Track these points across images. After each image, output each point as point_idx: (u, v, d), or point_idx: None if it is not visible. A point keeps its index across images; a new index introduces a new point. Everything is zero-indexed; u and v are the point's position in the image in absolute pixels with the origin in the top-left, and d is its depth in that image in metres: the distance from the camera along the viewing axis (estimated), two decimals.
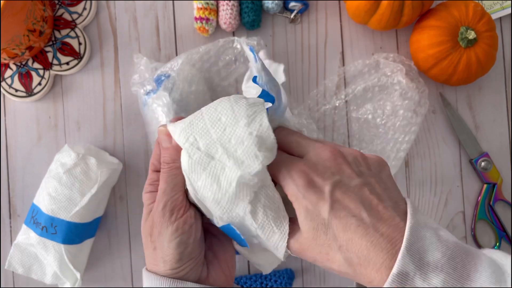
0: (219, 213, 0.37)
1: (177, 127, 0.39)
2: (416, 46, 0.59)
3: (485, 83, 0.64)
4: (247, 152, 0.36)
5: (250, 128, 0.36)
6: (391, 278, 0.30)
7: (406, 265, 0.30)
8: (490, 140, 0.64)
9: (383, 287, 0.31)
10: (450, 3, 0.59)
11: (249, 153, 0.36)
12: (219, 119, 0.38)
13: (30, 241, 0.56)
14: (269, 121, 0.37)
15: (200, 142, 0.37)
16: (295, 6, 0.62)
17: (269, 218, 0.37)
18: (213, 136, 0.37)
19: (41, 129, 0.62)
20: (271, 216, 0.37)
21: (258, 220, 0.37)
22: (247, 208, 0.36)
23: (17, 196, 0.62)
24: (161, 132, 0.40)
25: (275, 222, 0.37)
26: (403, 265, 0.30)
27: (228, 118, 0.38)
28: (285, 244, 0.37)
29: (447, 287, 0.30)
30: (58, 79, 0.62)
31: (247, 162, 0.36)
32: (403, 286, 0.30)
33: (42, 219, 0.55)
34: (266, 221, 0.37)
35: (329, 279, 0.62)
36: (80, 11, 0.61)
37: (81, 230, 0.56)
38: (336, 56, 0.64)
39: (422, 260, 0.30)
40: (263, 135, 0.36)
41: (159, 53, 0.63)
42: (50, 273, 0.56)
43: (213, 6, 0.60)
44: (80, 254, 0.57)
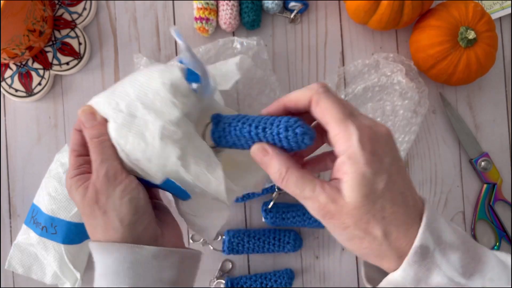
0: (154, 171, 0.39)
1: (101, 96, 0.41)
2: (416, 46, 0.59)
3: (485, 83, 0.64)
4: (164, 102, 0.38)
5: (162, 79, 0.39)
6: (413, 250, 0.32)
7: (427, 239, 0.33)
8: (490, 140, 0.64)
9: (405, 260, 0.33)
10: (450, 3, 0.59)
11: (166, 101, 0.38)
12: (136, 79, 0.40)
13: (30, 241, 0.56)
14: (198, 100, 0.40)
15: (121, 104, 0.39)
16: (295, 6, 0.62)
17: (201, 167, 0.38)
18: (131, 95, 0.39)
19: (41, 129, 0.62)
20: (203, 165, 0.38)
21: (192, 171, 0.38)
22: (178, 162, 0.38)
23: (17, 196, 0.62)
24: (83, 111, 0.41)
25: (208, 170, 0.38)
26: (424, 239, 0.33)
27: (143, 77, 0.40)
28: (224, 188, 0.38)
29: (463, 263, 0.33)
30: (58, 79, 0.62)
31: (166, 110, 0.38)
32: (424, 259, 0.32)
33: (42, 219, 0.55)
34: (199, 170, 0.38)
35: (329, 279, 0.62)
36: (80, 11, 0.61)
37: (81, 230, 0.56)
38: (336, 56, 0.64)
39: (440, 238, 0.33)
40: (177, 83, 0.39)
41: (159, 53, 0.63)
42: (50, 273, 0.56)
43: (213, 6, 0.60)
44: (80, 254, 0.57)
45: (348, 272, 0.62)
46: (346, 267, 0.62)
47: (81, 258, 0.57)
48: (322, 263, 0.62)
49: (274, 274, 0.60)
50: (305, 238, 0.62)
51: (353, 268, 0.62)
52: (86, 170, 0.41)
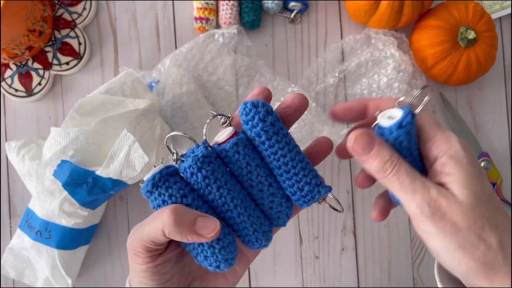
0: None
1: None
2: (416, 46, 0.59)
3: (485, 83, 0.64)
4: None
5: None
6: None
7: None
8: (490, 140, 0.64)
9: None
10: (450, 3, 0.59)
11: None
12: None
13: (23, 245, 0.56)
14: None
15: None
16: (295, 6, 0.62)
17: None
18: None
19: (41, 129, 0.62)
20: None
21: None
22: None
23: (17, 196, 0.62)
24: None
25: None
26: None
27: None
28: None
29: None
30: (58, 79, 0.62)
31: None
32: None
33: (37, 223, 0.55)
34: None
35: (329, 279, 0.62)
36: (80, 11, 0.61)
37: (76, 236, 0.56)
38: (336, 56, 0.63)
39: None
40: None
41: (159, 53, 0.63)
42: (42, 278, 0.56)
43: (213, 6, 0.60)
44: (73, 261, 0.57)
45: (348, 272, 0.62)
46: (346, 267, 0.62)
47: (74, 264, 0.57)
48: (322, 263, 0.62)
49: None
50: (305, 238, 0.62)
51: (353, 268, 0.62)
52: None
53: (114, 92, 0.53)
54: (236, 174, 0.33)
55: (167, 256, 0.33)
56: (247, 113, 0.32)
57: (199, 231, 0.30)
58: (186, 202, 0.32)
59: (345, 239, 0.62)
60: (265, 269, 0.62)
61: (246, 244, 0.34)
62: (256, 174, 0.33)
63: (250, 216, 0.33)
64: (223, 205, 0.32)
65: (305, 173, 0.33)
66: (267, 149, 0.32)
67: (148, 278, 0.33)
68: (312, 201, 0.33)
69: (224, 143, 0.33)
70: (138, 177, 0.52)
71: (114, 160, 0.50)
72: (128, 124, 0.52)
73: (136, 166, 0.50)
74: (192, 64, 0.60)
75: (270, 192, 0.33)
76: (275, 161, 0.33)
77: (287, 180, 0.33)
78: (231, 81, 0.61)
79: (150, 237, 0.31)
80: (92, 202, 0.53)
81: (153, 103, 0.54)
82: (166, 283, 0.34)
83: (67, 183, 0.50)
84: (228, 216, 0.33)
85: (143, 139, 0.52)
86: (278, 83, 0.61)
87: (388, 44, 0.60)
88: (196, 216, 0.31)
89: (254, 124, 0.32)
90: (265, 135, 0.32)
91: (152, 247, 0.31)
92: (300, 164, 0.33)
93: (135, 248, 0.32)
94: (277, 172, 0.33)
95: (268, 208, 0.34)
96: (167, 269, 0.34)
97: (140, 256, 0.32)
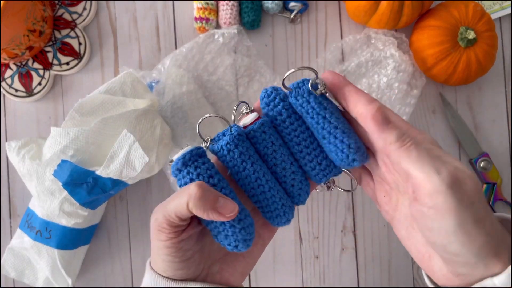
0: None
1: None
2: (416, 46, 0.59)
3: (485, 83, 0.64)
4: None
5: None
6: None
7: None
8: (490, 140, 0.64)
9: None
10: (450, 3, 0.59)
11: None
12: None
13: (23, 245, 0.56)
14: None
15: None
16: (295, 6, 0.62)
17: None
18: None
19: (41, 129, 0.62)
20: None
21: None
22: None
23: (17, 196, 0.62)
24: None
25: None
26: None
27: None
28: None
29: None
30: (58, 79, 0.62)
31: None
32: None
33: (37, 223, 0.55)
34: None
35: (329, 279, 0.62)
36: (80, 11, 0.61)
37: (76, 236, 0.56)
38: (336, 56, 0.64)
39: None
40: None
41: (159, 53, 0.63)
42: (42, 278, 0.56)
43: (213, 6, 0.60)
44: (73, 261, 0.57)
45: (348, 272, 0.62)
46: (346, 267, 0.62)
47: (74, 264, 0.57)
48: (322, 263, 0.62)
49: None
50: (305, 238, 0.62)
51: (353, 268, 0.62)
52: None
53: (114, 92, 0.53)
54: (262, 154, 0.36)
55: (189, 232, 0.35)
56: (268, 95, 0.36)
57: (220, 210, 0.32)
58: (212, 182, 0.34)
59: (345, 239, 0.62)
60: (265, 269, 0.62)
61: (273, 220, 0.36)
62: (280, 153, 0.36)
63: (279, 191, 0.35)
64: (255, 180, 0.35)
65: (322, 149, 0.36)
66: (288, 126, 0.36)
67: (172, 254, 0.34)
68: (330, 175, 0.36)
69: (250, 125, 0.36)
70: (138, 177, 0.52)
71: (114, 160, 0.50)
72: (128, 124, 0.52)
73: (136, 166, 0.50)
74: (192, 64, 0.60)
75: (292, 170, 0.36)
76: (295, 137, 0.36)
77: (306, 155, 0.36)
78: (231, 81, 0.61)
79: (176, 212, 0.32)
80: (92, 202, 0.53)
81: (153, 103, 0.54)
82: (188, 260, 0.35)
83: (67, 183, 0.50)
84: (259, 192, 0.35)
85: (143, 139, 0.52)
86: (278, 83, 0.61)
87: (388, 44, 0.60)
88: (218, 195, 0.32)
89: (276, 104, 0.35)
90: (285, 113, 0.35)
91: (176, 222, 0.33)
92: (316, 141, 0.36)
93: (160, 224, 0.33)
94: (297, 149, 0.36)
95: (290, 185, 0.36)
96: (189, 246, 0.35)
97: (165, 232, 0.34)
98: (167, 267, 0.35)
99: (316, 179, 0.37)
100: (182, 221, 0.33)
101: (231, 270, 0.38)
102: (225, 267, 0.38)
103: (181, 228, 0.34)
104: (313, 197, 0.62)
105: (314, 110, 0.34)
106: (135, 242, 0.62)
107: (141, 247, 0.62)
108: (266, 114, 0.36)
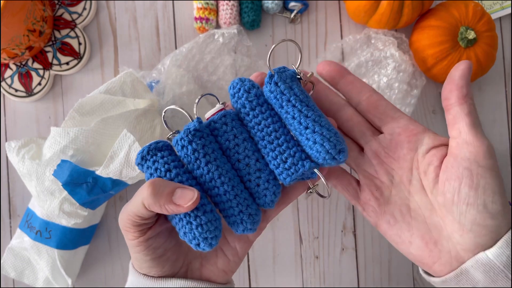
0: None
1: None
2: (416, 46, 0.59)
3: (485, 83, 0.64)
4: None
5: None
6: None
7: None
8: (490, 140, 0.63)
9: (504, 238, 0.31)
10: (450, 3, 0.59)
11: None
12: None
13: (23, 245, 0.56)
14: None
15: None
16: (295, 6, 0.62)
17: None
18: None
19: (41, 129, 0.62)
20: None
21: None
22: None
23: (17, 196, 0.62)
24: None
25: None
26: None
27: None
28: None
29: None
30: (58, 79, 0.62)
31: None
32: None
33: (37, 223, 0.55)
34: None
35: (329, 279, 0.62)
36: (80, 11, 0.61)
37: (76, 236, 0.56)
38: (336, 56, 0.64)
39: None
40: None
41: (159, 53, 0.63)
42: (42, 278, 0.56)
43: (213, 6, 0.60)
44: (73, 261, 0.57)
45: (348, 272, 0.62)
46: (346, 267, 0.62)
47: (74, 264, 0.57)
48: (322, 263, 0.62)
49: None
50: (305, 239, 0.62)
51: (353, 268, 0.62)
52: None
53: (114, 92, 0.53)
54: (224, 148, 0.34)
55: (156, 230, 0.34)
56: (234, 86, 0.34)
57: (176, 201, 0.31)
58: (169, 176, 0.32)
59: (345, 239, 0.62)
60: (265, 269, 0.62)
61: (232, 226, 0.33)
62: (243, 147, 0.34)
63: (236, 196, 0.33)
64: (210, 181, 0.33)
65: (288, 145, 0.33)
66: (251, 119, 0.34)
67: (142, 252, 0.34)
68: (295, 175, 0.33)
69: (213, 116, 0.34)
70: (138, 177, 0.52)
71: (114, 160, 0.50)
72: (128, 124, 0.52)
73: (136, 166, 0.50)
74: (192, 64, 0.60)
75: (257, 167, 0.34)
76: (259, 131, 0.34)
77: (270, 151, 0.33)
78: (231, 81, 0.61)
79: (135, 212, 0.32)
80: (92, 202, 0.53)
81: (153, 103, 0.54)
82: (160, 257, 0.35)
83: (67, 183, 0.50)
84: (215, 194, 0.33)
85: (143, 139, 0.52)
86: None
87: (388, 44, 0.60)
88: (175, 187, 0.31)
89: (240, 96, 0.34)
90: (249, 104, 0.34)
91: (139, 221, 0.33)
92: (284, 137, 0.33)
93: (125, 224, 0.33)
94: (261, 144, 0.34)
95: (255, 185, 0.34)
96: (159, 243, 0.35)
97: (130, 232, 0.33)
98: (141, 264, 0.35)
99: (281, 178, 0.34)
100: (145, 220, 0.33)
101: (211, 267, 0.37)
102: (205, 264, 0.37)
103: (146, 226, 0.34)
104: (313, 197, 0.62)
105: (297, 98, 0.32)
106: None
107: None
108: (234, 106, 0.35)
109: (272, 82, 0.33)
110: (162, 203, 0.31)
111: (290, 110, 0.32)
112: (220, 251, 0.37)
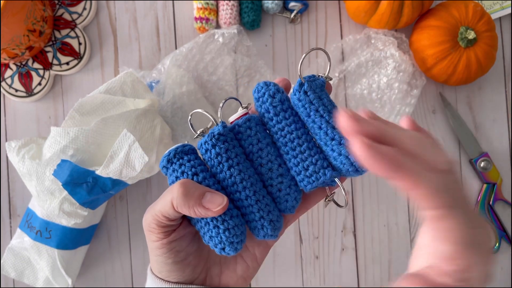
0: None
1: None
2: (416, 46, 0.59)
3: (485, 83, 0.64)
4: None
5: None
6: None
7: None
8: (490, 140, 0.64)
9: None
10: (450, 3, 0.59)
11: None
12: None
13: (23, 245, 0.56)
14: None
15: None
16: (295, 6, 0.62)
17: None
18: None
19: (41, 129, 0.62)
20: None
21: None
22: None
23: (17, 196, 0.62)
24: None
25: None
26: None
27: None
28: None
29: None
30: (58, 79, 0.62)
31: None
32: None
33: (37, 223, 0.55)
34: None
35: (329, 279, 0.62)
36: (80, 11, 0.61)
37: (76, 235, 0.56)
38: (336, 56, 0.64)
39: None
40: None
41: (159, 53, 0.63)
42: (42, 278, 0.56)
43: (213, 6, 0.60)
44: (73, 261, 0.57)
45: (348, 272, 0.62)
46: (346, 267, 0.62)
47: (74, 264, 0.57)
48: (322, 263, 0.62)
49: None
50: (305, 239, 0.62)
51: (353, 268, 0.62)
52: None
53: (114, 92, 0.53)
54: (247, 152, 0.34)
55: (180, 232, 0.34)
56: (258, 90, 0.34)
57: (206, 205, 0.31)
58: (196, 180, 0.32)
59: (345, 239, 0.62)
60: (265, 269, 0.62)
61: (252, 231, 0.33)
62: (266, 152, 0.33)
63: (258, 201, 0.32)
64: (232, 185, 0.32)
65: (311, 153, 0.33)
66: (275, 125, 0.33)
67: (164, 255, 0.34)
68: (316, 183, 0.33)
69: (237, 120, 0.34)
70: (138, 177, 0.52)
71: (114, 160, 0.50)
72: (128, 124, 0.52)
73: (136, 166, 0.50)
74: (192, 64, 0.60)
75: (279, 172, 0.33)
76: (282, 137, 0.33)
77: (292, 158, 0.33)
78: (231, 81, 0.61)
79: (162, 212, 0.32)
80: (92, 202, 0.53)
81: (153, 103, 0.54)
82: (182, 262, 0.35)
83: (67, 182, 0.50)
84: (237, 198, 0.33)
85: (143, 139, 0.52)
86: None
87: (388, 44, 0.60)
88: (205, 191, 0.31)
89: (264, 100, 0.33)
90: (273, 110, 0.33)
91: (165, 222, 0.32)
92: (306, 144, 0.33)
93: (149, 224, 0.33)
94: (284, 150, 0.34)
95: (276, 190, 0.33)
96: (182, 247, 0.34)
97: (154, 232, 0.33)
98: (161, 268, 0.35)
99: (301, 185, 0.34)
100: (171, 221, 0.33)
101: (231, 273, 0.37)
102: (225, 270, 0.37)
103: (171, 228, 0.33)
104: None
105: (325, 108, 0.32)
106: (135, 242, 0.62)
107: (141, 247, 0.62)
108: (258, 110, 0.34)
109: (301, 91, 0.33)
110: (192, 204, 0.31)
111: (318, 120, 0.32)
112: (240, 257, 0.37)
